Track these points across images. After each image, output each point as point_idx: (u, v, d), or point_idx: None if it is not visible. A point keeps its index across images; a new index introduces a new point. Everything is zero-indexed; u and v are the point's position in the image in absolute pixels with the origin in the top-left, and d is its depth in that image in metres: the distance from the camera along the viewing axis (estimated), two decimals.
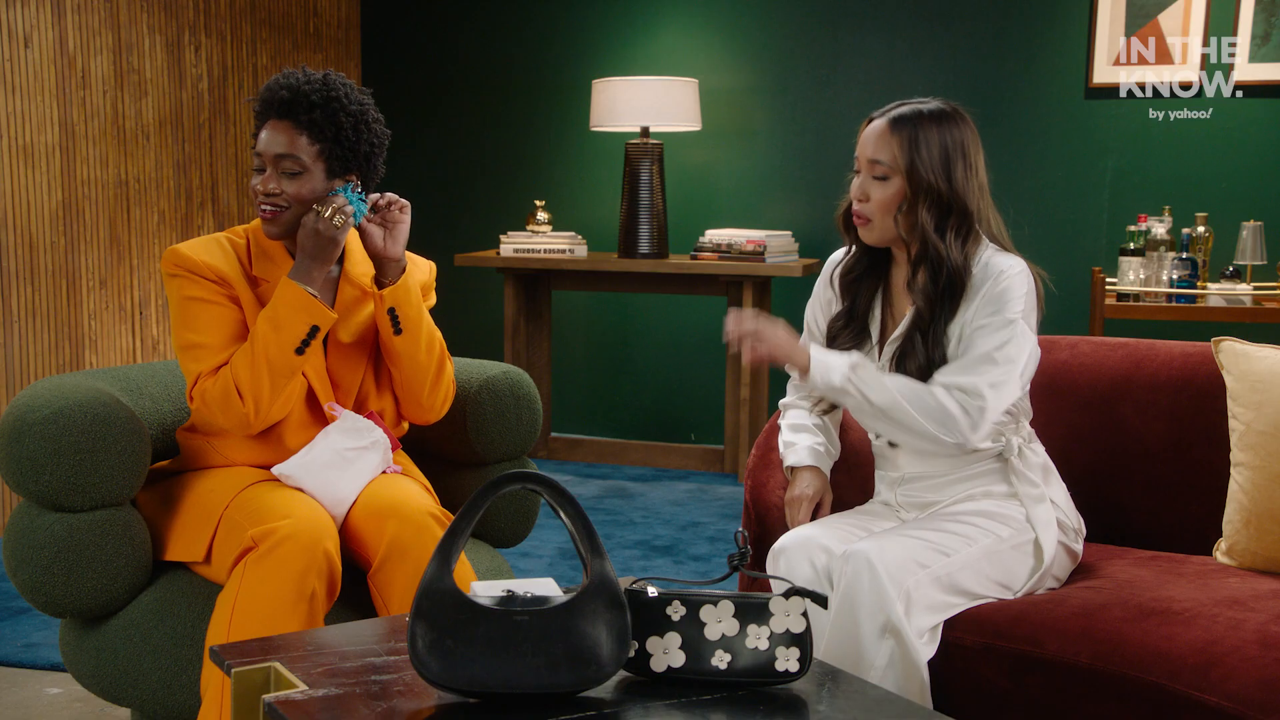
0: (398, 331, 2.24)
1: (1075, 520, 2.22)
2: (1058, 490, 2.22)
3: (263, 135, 2.20)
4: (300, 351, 2.12)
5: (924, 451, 2.17)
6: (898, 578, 1.95)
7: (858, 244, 2.25)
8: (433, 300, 2.45)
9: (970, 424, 2.06)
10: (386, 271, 2.26)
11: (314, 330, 2.13)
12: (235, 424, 2.14)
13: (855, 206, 2.18)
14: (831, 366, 2.08)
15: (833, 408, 2.36)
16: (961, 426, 2.06)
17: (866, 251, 2.26)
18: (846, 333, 2.25)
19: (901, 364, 2.14)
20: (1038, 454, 2.21)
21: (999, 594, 2.08)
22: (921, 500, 2.21)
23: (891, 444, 2.23)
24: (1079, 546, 2.22)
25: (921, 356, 2.12)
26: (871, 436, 2.30)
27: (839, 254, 2.33)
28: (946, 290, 2.12)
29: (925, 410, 2.05)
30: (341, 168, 2.21)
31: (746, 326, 2.09)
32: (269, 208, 2.19)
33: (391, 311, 2.22)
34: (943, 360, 2.12)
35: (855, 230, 2.22)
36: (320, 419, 2.24)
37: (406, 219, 2.27)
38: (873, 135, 2.16)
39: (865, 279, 2.26)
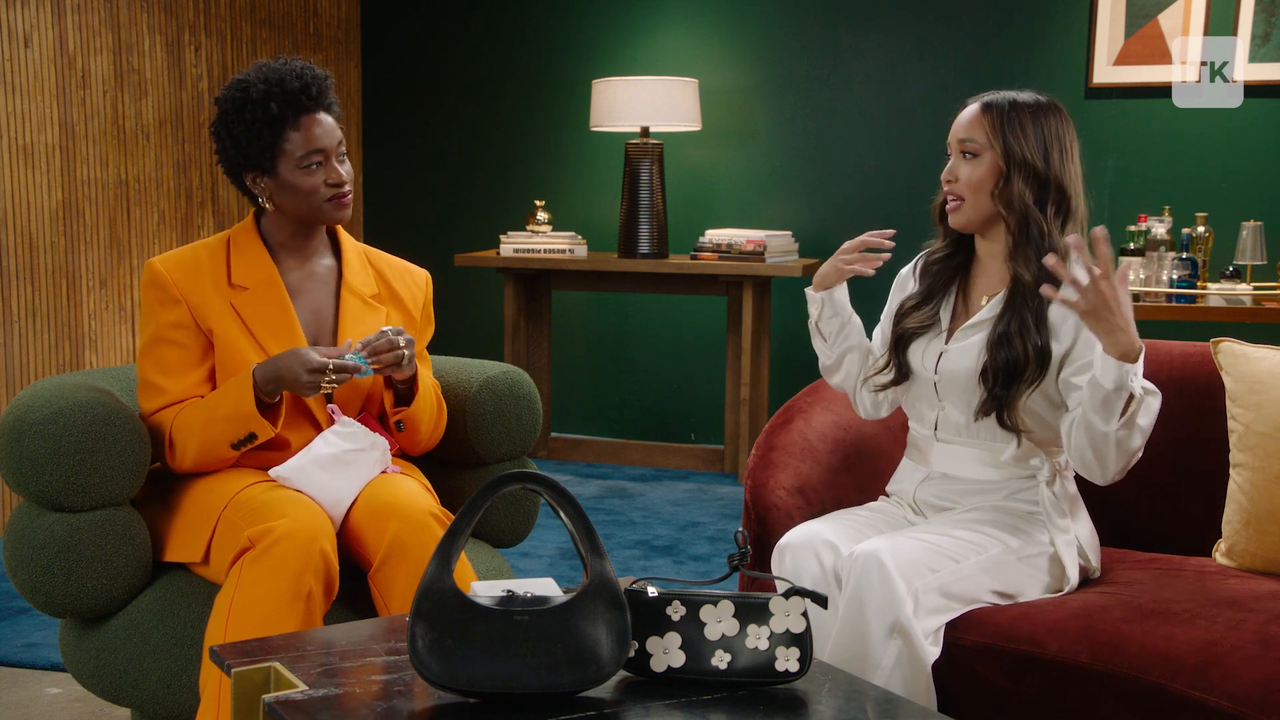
0: (400, 430, 2.31)
1: (1094, 556, 2.20)
2: (1084, 525, 2.20)
3: (310, 132, 2.19)
4: (236, 447, 2.15)
5: (969, 456, 2.17)
6: (908, 578, 1.95)
7: (949, 237, 2.25)
8: (429, 332, 2.46)
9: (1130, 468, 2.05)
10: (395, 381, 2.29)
11: (252, 435, 2.14)
12: (165, 462, 2.21)
13: (945, 189, 2.17)
14: (1140, 369, 1.97)
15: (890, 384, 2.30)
16: (1128, 467, 2.03)
17: (954, 244, 2.25)
18: (918, 314, 2.23)
19: (1008, 344, 2.09)
20: (1070, 483, 2.20)
21: (1003, 603, 2.08)
22: (941, 503, 2.20)
23: (938, 438, 2.21)
24: (1091, 571, 2.22)
25: (1036, 338, 2.07)
26: (913, 423, 2.28)
27: (911, 263, 2.34)
28: (1050, 275, 2.08)
29: (1138, 452, 2.01)
30: None
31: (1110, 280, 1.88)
32: (344, 195, 2.24)
33: (398, 422, 2.29)
34: (1047, 344, 2.08)
35: (948, 224, 2.21)
36: (318, 422, 2.24)
37: (399, 365, 2.20)
38: (965, 117, 2.16)
39: (946, 267, 2.25)
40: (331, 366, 2.11)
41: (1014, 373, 2.08)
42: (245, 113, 2.18)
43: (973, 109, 2.16)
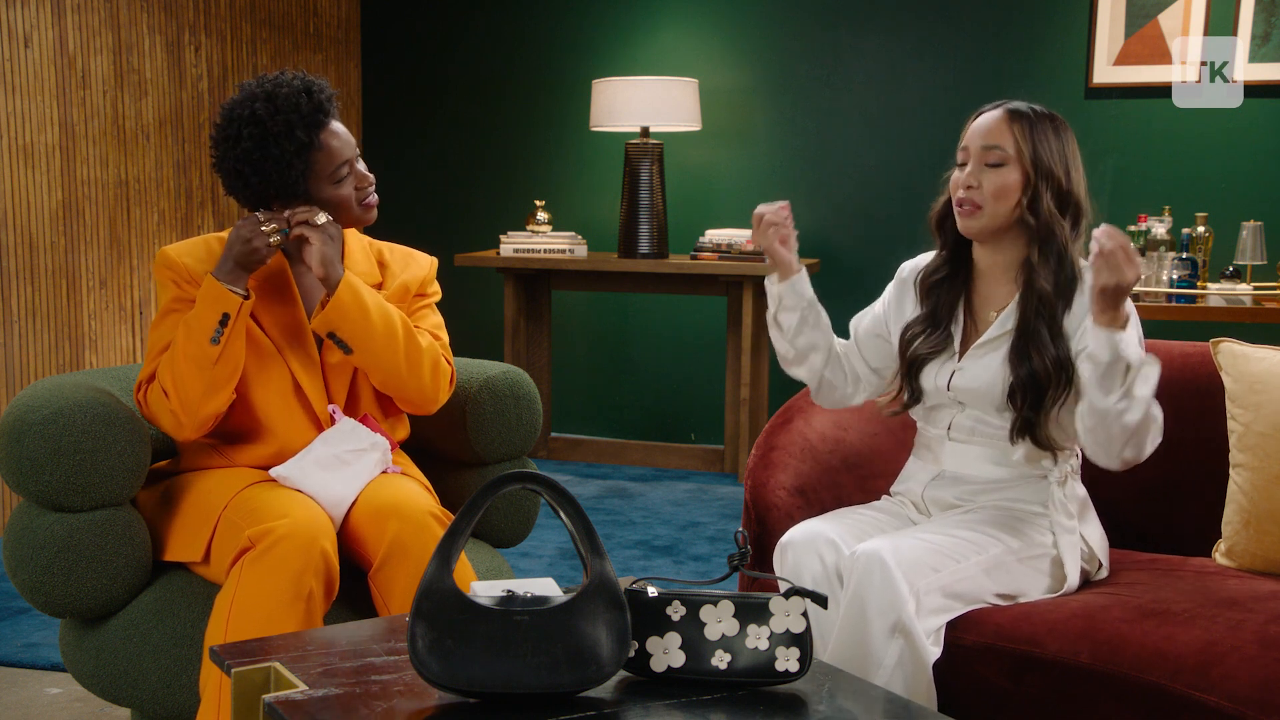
0: (348, 351, 2.20)
1: (1104, 556, 2.20)
2: (1093, 528, 2.19)
3: (330, 143, 2.20)
4: (215, 341, 2.11)
5: (984, 457, 2.16)
6: (910, 578, 1.95)
7: (946, 248, 2.22)
8: (437, 293, 2.45)
9: (1152, 449, 2.02)
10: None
11: (225, 317, 2.11)
12: (168, 423, 2.16)
13: (962, 194, 2.13)
14: (1135, 343, 1.96)
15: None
16: (1147, 451, 2.01)
17: (950, 258, 2.22)
18: (926, 337, 2.20)
19: (1026, 358, 2.07)
20: (1079, 486, 2.19)
21: (1004, 603, 2.08)
22: (948, 501, 2.20)
23: (950, 437, 2.19)
24: (1095, 573, 2.21)
25: (1051, 350, 2.06)
26: (923, 424, 2.26)
27: (912, 263, 2.31)
28: (1067, 285, 2.09)
29: (1155, 429, 1.99)
30: None
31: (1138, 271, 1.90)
32: (373, 196, 2.28)
33: (331, 335, 2.19)
34: (1065, 354, 2.06)
35: (947, 233, 2.19)
36: (319, 422, 2.24)
37: (313, 244, 2.16)
38: (988, 124, 2.13)
39: (947, 285, 2.22)
40: (261, 217, 2.14)
41: (1040, 389, 2.07)
42: (270, 148, 2.16)
43: (996, 116, 2.13)
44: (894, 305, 2.31)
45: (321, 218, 2.19)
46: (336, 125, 2.23)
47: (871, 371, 2.32)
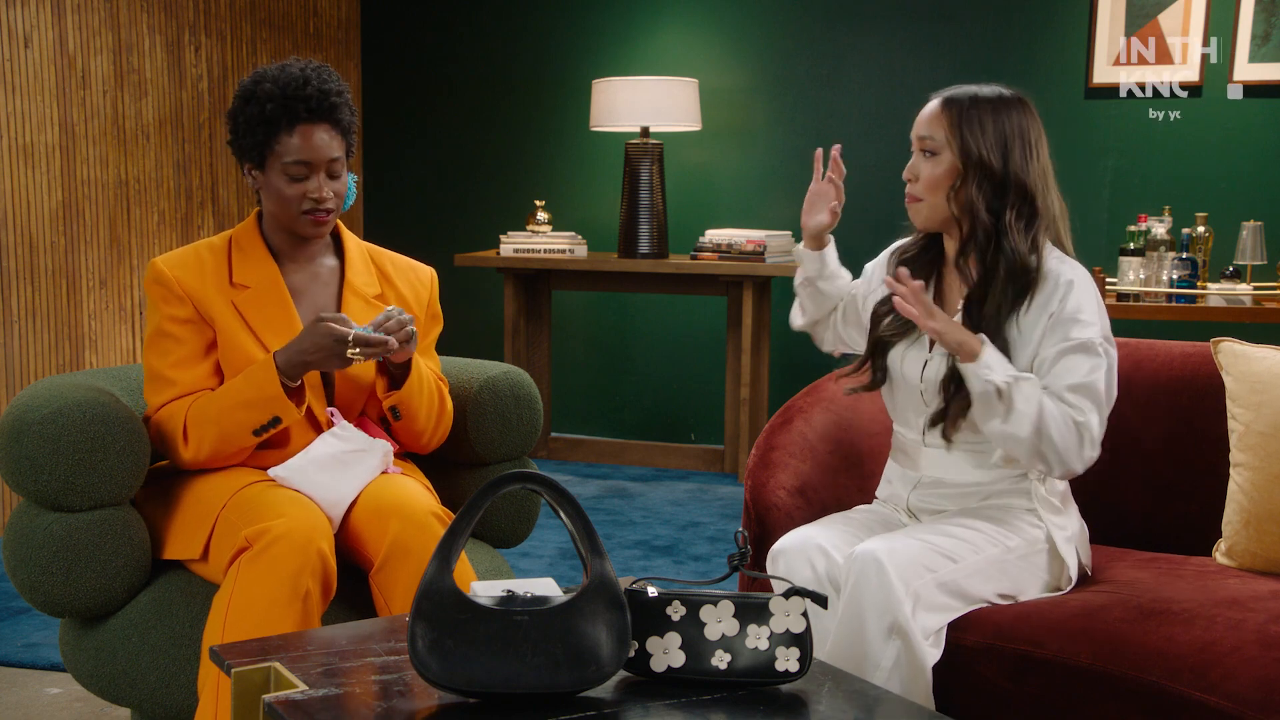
0: (396, 418, 2.28)
1: (1085, 552, 2.20)
2: (1074, 521, 2.18)
3: (302, 141, 2.17)
4: (257, 434, 2.14)
5: (976, 450, 2.15)
6: (906, 579, 1.95)
7: (923, 233, 2.21)
8: (436, 329, 2.44)
9: (1083, 458, 2.01)
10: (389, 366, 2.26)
11: (276, 420, 2.13)
12: (171, 457, 2.19)
13: (908, 188, 2.14)
14: (999, 363, 1.99)
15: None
16: (1074, 459, 2.00)
17: (925, 239, 2.21)
18: (894, 317, 2.19)
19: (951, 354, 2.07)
20: (1059, 481, 2.17)
21: (1003, 603, 2.07)
22: (936, 506, 2.19)
23: (926, 443, 2.18)
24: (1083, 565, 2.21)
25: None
26: (899, 427, 2.26)
27: (899, 244, 2.31)
28: (1007, 279, 2.05)
29: (1060, 438, 1.98)
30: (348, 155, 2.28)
31: (922, 298, 1.99)
32: (321, 213, 2.22)
33: (393, 408, 2.26)
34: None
35: None
36: (317, 425, 2.24)
37: (408, 346, 2.17)
38: (925, 114, 2.13)
39: (918, 267, 2.20)
40: (351, 338, 2.11)
41: (959, 382, 2.06)
42: (249, 107, 2.19)
43: (933, 105, 2.12)
44: (872, 280, 2.32)
45: (407, 317, 2.17)
46: (322, 129, 2.19)
47: (841, 330, 2.39)
